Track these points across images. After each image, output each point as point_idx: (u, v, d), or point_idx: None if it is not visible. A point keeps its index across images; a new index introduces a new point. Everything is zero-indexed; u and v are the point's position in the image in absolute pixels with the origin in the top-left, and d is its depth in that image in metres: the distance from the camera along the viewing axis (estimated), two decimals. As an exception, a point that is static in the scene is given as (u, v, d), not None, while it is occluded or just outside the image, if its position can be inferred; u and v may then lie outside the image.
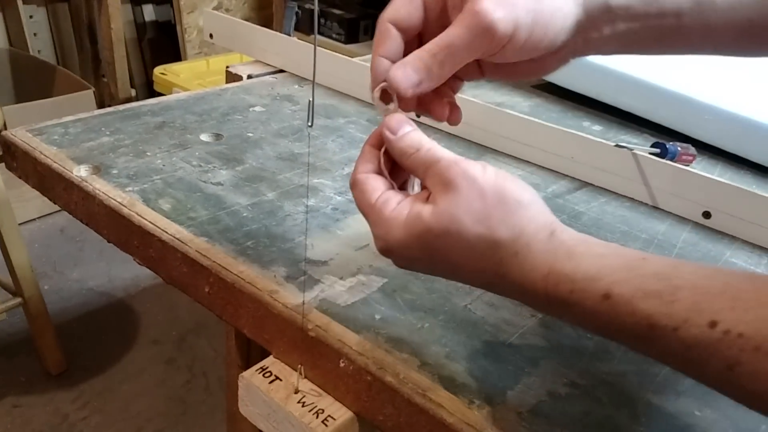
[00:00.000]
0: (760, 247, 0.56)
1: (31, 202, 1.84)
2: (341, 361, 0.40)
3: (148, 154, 0.61)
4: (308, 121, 0.44)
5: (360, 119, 0.74)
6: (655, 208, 0.61)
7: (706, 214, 0.58)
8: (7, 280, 1.32)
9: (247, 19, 2.44)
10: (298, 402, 0.41)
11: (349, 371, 0.40)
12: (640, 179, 0.62)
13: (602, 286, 0.31)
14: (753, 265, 0.54)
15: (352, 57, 0.82)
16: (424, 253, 0.34)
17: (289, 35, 1.04)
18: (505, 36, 0.35)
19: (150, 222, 0.51)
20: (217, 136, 0.67)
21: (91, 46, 2.38)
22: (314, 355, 0.42)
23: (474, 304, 0.45)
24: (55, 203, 0.60)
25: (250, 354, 0.67)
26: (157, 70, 2.02)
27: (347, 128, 0.72)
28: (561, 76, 0.86)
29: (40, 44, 2.31)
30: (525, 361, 0.41)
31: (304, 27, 2.29)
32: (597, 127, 0.79)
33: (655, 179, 0.61)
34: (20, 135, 0.62)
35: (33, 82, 2.19)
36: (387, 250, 0.35)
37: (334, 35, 2.26)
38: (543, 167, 0.67)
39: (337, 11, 2.27)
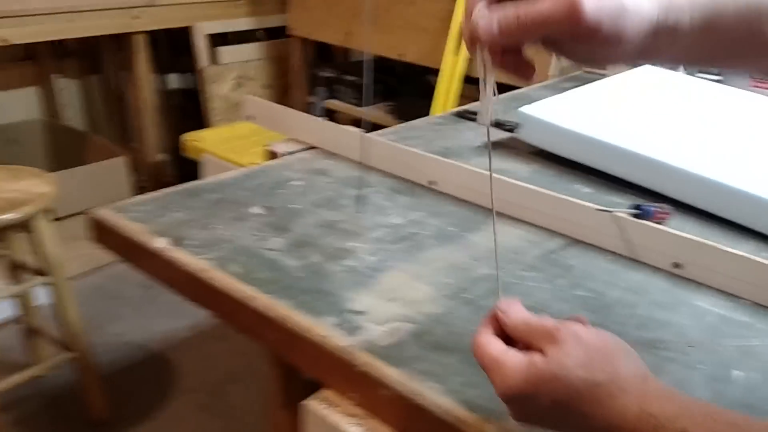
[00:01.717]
0: (724, 293, 0.68)
1: (67, 263, 1.98)
2: (382, 390, 0.52)
3: (213, 226, 0.74)
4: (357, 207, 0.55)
5: (383, 187, 0.87)
6: (633, 260, 0.73)
7: (676, 265, 0.70)
8: (55, 334, 1.44)
9: (267, 87, 2.63)
10: (352, 424, 0.53)
11: (391, 397, 0.52)
12: (619, 236, 0.74)
13: (679, 426, 0.37)
14: (717, 307, 0.65)
15: (364, 118, 0.95)
16: (536, 397, 0.40)
17: (319, 116, 1.19)
18: (590, 27, 0.37)
19: (224, 284, 0.63)
20: (267, 209, 0.80)
21: (120, 114, 2.56)
22: (362, 385, 0.54)
23: (485, 343, 0.57)
24: (139, 270, 0.73)
25: (290, 394, 0.79)
26: (186, 137, 2.18)
27: (374, 197, 0.85)
28: (555, 146, 0.99)
29: (72, 113, 2.49)
30: (526, 386, 0.52)
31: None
32: (587, 190, 0.92)
33: (633, 236, 0.73)
34: (105, 214, 0.76)
35: (66, 150, 2.36)
36: (506, 396, 0.41)
37: (350, 99, 2.42)
38: (539, 227, 0.79)
39: (350, 77, 2.44)
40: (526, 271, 0.70)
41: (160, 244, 0.70)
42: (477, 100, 1.94)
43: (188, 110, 2.59)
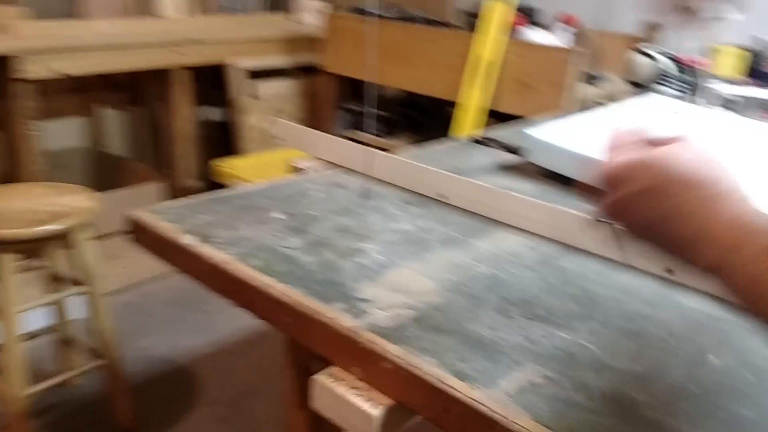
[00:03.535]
0: (712, 296, 0.72)
1: (103, 279, 2.08)
2: (384, 363, 0.58)
3: (237, 227, 0.82)
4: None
5: (395, 200, 0.94)
6: (628, 265, 0.78)
7: (669, 270, 0.75)
8: (87, 344, 1.52)
9: (298, 120, 2.74)
10: (356, 395, 0.59)
11: (390, 370, 0.58)
12: (615, 244, 0.79)
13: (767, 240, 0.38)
14: (701, 306, 0.70)
15: (389, 149, 1.03)
16: (644, 169, 0.43)
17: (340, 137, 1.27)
18: None
19: (244, 274, 0.70)
20: (287, 214, 0.87)
21: (158, 143, 2.69)
22: (365, 360, 0.59)
23: (479, 327, 0.63)
24: (171, 265, 0.80)
25: (307, 393, 0.85)
26: (218, 163, 2.29)
27: (385, 206, 0.92)
28: (557, 165, 1.05)
29: (115, 141, 2.63)
30: (513, 363, 0.58)
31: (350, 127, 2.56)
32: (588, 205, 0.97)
33: (627, 244, 0.78)
34: (142, 215, 0.84)
35: (108, 174, 2.49)
36: (613, 172, 0.46)
37: (375, 131, 2.52)
38: (539, 235, 0.85)
39: (378, 111, 2.54)
40: (522, 271, 0.75)
41: (188, 240, 0.77)
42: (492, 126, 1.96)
43: (223, 141, 2.71)
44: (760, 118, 1.38)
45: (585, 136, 1.09)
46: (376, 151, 1.07)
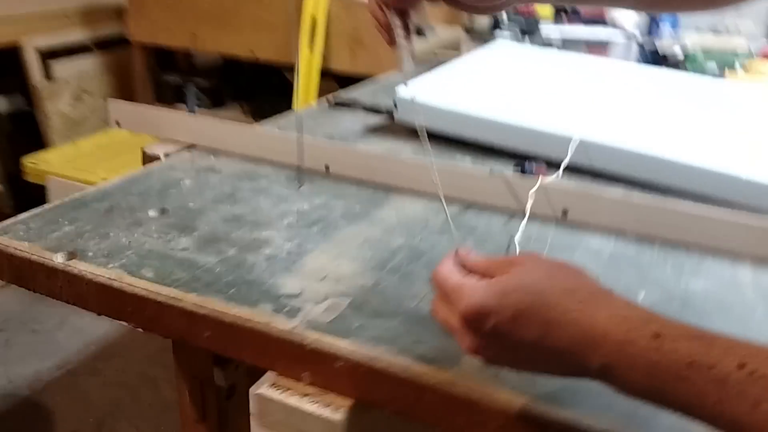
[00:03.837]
0: (608, 230, 0.75)
1: None
2: (337, 362, 0.53)
3: (111, 235, 0.70)
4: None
5: (279, 177, 0.87)
6: (524, 215, 0.79)
7: (564, 212, 0.77)
8: None
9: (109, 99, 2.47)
10: (311, 402, 0.53)
11: (347, 368, 0.52)
12: (509, 194, 0.80)
13: (653, 328, 0.37)
14: (603, 245, 0.73)
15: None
16: (499, 311, 0.40)
17: (194, 113, 1.15)
18: None
19: (142, 288, 0.60)
20: (163, 211, 0.76)
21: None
22: (315, 363, 0.54)
23: (420, 304, 0.60)
24: (35, 291, 0.67)
25: (206, 404, 0.77)
26: (26, 161, 2.00)
27: (272, 186, 0.84)
28: (431, 123, 1.03)
29: None
30: (470, 335, 0.56)
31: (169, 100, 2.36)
32: (468, 160, 0.97)
33: (521, 192, 0.79)
34: (-16, 237, 0.69)
35: None
36: (467, 313, 0.41)
37: (199, 103, 2.35)
38: (437, 196, 0.83)
39: (199, 80, 2.36)
40: (435, 237, 0.73)
41: (58, 259, 0.65)
42: (333, 91, 1.97)
43: (23, 133, 2.37)
44: (586, 53, 1.48)
45: (452, 90, 1.08)
46: (250, 126, 0.98)
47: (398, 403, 0.52)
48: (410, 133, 1.07)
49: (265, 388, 0.55)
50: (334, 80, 2.04)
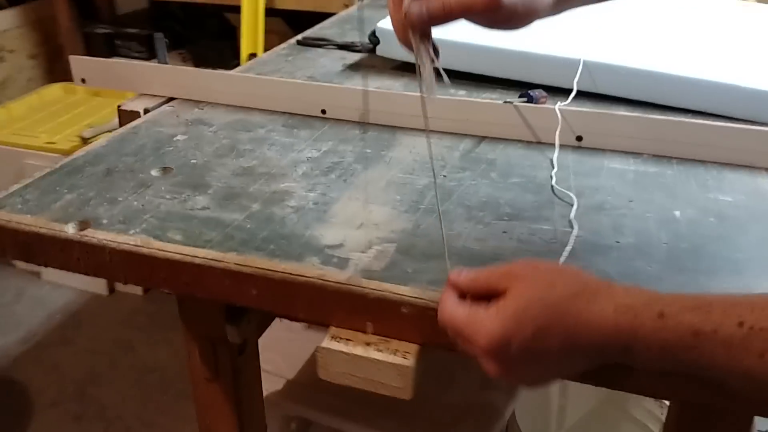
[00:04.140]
0: (624, 152, 0.76)
1: None
2: (403, 308, 0.51)
3: (120, 199, 0.65)
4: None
5: (276, 125, 0.83)
6: (541, 143, 0.79)
7: (579, 138, 0.77)
8: None
9: (33, 56, 2.30)
10: (376, 350, 0.52)
11: (412, 314, 0.51)
12: (523, 124, 0.79)
13: (656, 308, 0.40)
14: (625, 165, 0.73)
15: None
16: (520, 332, 0.41)
17: (166, 63, 1.08)
18: (508, 13, 0.47)
19: (175, 252, 0.57)
20: (166, 170, 0.72)
21: None
22: (378, 312, 0.52)
23: (466, 243, 0.59)
24: (47, 266, 0.62)
25: (218, 363, 0.75)
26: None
27: (272, 136, 0.80)
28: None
29: None
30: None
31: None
32: (462, 92, 0.95)
33: (534, 120, 0.78)
34: (-22, 213, 0.63)
35: None
36: (491, 348, 0.42)
37: (135, 54, 2.21)
38: (447, 132, 0.81)
39: (131, 30, 2.22)
40: (458, 173, 0.72)
41: (70, 230, 0.60)
42: (281, 32, 1.88)
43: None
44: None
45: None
46: (239, 74, 0.92)
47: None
48: (395, 68, 1.03)
49: (329, 342, 0.53)
50: (281, 19, 1.95)
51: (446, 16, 0.47)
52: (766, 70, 0.87)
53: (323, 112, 0.86)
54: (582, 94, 0.88)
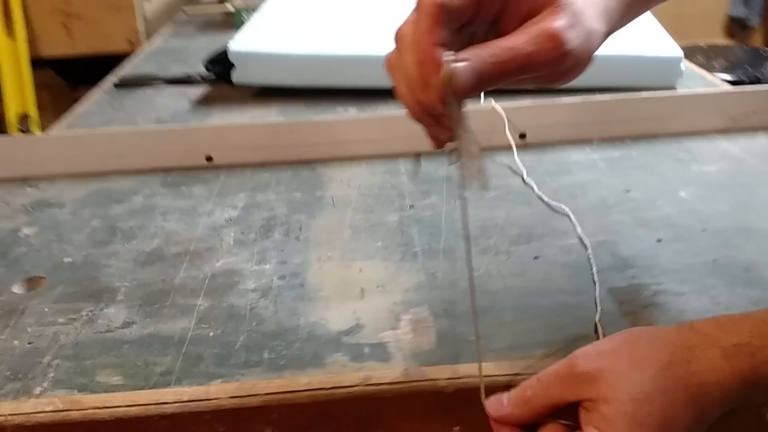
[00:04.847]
0: (572, 142, 0.68)
1: None
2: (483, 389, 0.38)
3: (-17, 343, 0.42)
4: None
5: (153, 188, 0.63)
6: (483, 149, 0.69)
7: (522, 136, 0.69)
8: None
9: None
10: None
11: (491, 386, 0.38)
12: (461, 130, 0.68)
13: (764, 335, 0.33)
14: (586, 155, 0.65)
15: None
16: None
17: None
18: (575, 60, 0.34)
19: (128, 405, 0.37)
20: (33, 281, 0.49)
21: None
22: (462, 407, 0.38)
23: (508, 280, 0.47)
24: None
25: None
26: None
27: (157, 202, 0.60)
28: (287, 76, 0.85)
29: None
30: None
31: None
32: (353, 109, 0.81)
33: (473, 124, 0.68)
34: None
35: None
36: None
37: None
38: (375, 156, 0.68)
39: None
40: (425, 199, 0.59)
41: None
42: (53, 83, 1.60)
43: None
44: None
45: (291, 35, 0.90)
46: (62, 134, 0.69)
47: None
48: (258, 95, 0.87)
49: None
50: (52, 70, 1.64)
51: (498, 78, 0.33)
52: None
53: (209, 159, 0.67)
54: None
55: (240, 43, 0.85)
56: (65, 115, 0.85)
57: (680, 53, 0.82)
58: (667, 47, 0.84)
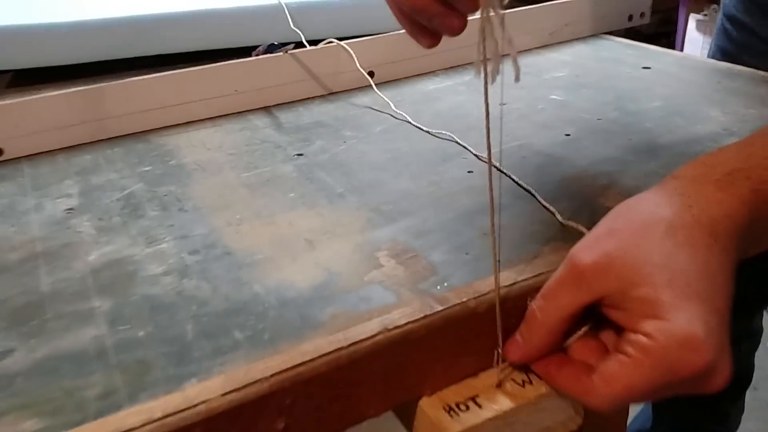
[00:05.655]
0: (420, 75, 0.65)
1: None
2: (529, 300, 0.32)
3: None
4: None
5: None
6: (333, 93, 0.62)
7: (371, 74, 0.64)
8: None
9: None
10: (532, 385, 0.32)
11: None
12: (308, 76, 0.61)
13: (754, 155, 0.32)
14: (443, 83, 0.63)
15: None
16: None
17: None
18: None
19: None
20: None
21: None
22: (489, 327, 0.32)
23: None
24: None
25: None
26: None
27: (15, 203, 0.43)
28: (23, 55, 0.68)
29: None
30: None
31: None
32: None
33: (319, 68, 0.61)
34: None
35: None
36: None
37: None
38: (229, 115, 0.57)
39: None
40: (308, 145, 0.51)
41: None
42: None
43: None
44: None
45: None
46: None
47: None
48: (10, 84, 0.69)
49: (439, 416, 0.30)
50: None
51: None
52: None
53: (1, 151, 0.51)
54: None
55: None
56: None
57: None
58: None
